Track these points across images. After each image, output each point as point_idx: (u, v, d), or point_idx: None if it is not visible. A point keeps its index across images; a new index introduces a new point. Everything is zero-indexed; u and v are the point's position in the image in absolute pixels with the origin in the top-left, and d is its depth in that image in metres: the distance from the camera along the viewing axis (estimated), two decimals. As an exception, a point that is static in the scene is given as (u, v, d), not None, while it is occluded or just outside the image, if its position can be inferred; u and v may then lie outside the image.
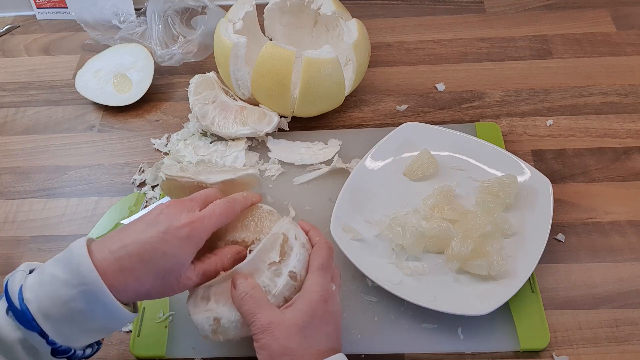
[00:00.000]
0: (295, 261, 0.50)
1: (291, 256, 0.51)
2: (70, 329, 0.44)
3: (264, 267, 0.51)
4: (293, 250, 0.51)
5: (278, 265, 0.50)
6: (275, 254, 0.51)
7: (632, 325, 0.59)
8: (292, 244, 0.51)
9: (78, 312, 0.43)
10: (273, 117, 0.75)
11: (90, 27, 0.89)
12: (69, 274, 0.43)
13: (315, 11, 0.79)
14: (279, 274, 0.50)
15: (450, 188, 0.66)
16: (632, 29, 0.86)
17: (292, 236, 0.52)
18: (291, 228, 0.52)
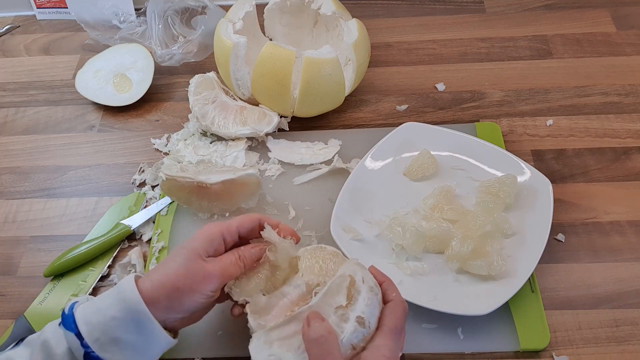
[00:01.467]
0: (362, 305, 0.47)
1: (358, 300, 0.47)
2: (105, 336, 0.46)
3: (330, 311, 0.47)
4: (360, 294, 0.48)
5: (345, 310, 0.47)
6: (342, 297, 0.48)
7: (632, 325, 0.59)
8: (359, 287, 0.48)
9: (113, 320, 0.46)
10: (273, 117, 0.75)
11: (90, 27, 0.89)
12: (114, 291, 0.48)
13: (315, 11, 0.79)
14: (346, 319, 0.47)
15: (450, 188, 0.66)
16: (632, 29, 0.86)
17: (359, 279, 0.49)
18: (358, 270, 0.49)
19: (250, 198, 0.68)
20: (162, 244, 0.67)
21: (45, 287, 0.66)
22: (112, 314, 0.46)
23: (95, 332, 0.46)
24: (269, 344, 0.47)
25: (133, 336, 0.46)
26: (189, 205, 0.69)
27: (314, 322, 0.45)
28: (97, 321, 0.46)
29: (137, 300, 0.46)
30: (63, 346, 0.45)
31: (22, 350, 0.47)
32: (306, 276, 0.52)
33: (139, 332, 0.47)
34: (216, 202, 0.68)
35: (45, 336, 0.46)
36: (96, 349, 0.45)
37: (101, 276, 0.66)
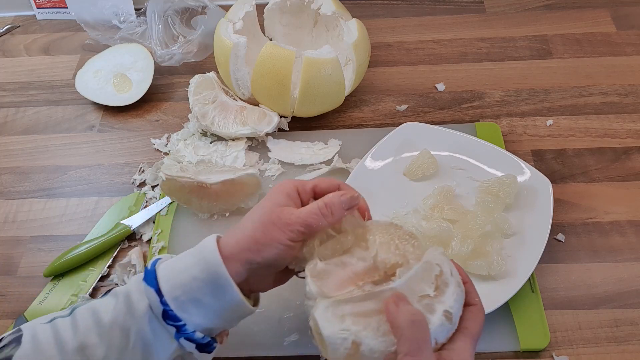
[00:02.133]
0: (452, 300, 0.44)
1: (446, 293, 0.44)
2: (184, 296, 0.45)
3: (414, 298, 0.44)
4: (449, 287, 0.44)
5: (431, 300, 0.44)
6: (429, 286, 0.44)
7: (632, 325, 0.59)
8: (447, 279, 0.45)
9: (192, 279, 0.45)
10: (273, 117, 0.75)
11: (90, 27, 0.89)
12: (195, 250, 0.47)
13: (315, 11, 0.79)
14: (432, 310, 0.43)
15: (450, 188, 0.66)
16: (632, 29, 0.86)
17: (447, 271, 0.45)
18: (445, 261, 0.46)
19: (250, 198, 0.68)
20: (162, 244, 0.67)
21: (45, 287, 0.66)
22: (193, 273, 0.45)
23: (175, 290, 0.45)
24: (339, 317, 0.44)
25: (212, 299, 0.46)
26: (189, 205, 0.69)
27: (403, 304, 0.42)
28: (178, 280, 0.45)
29: (218, 261, 0.45)
30: (144, 302, 0.45)
31: (107, 300, 0.47)
32: (380, 252, 0.47)
33: (217, 295, 0.46)
34: (216, 202, 0.68)
35: (128, 289, 0.46)
36: (174, 308, 0.45)
37: (101, 276, 0.66)
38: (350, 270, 0.47)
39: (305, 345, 0.59)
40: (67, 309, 0.48)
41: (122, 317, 0.45)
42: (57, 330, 0.46)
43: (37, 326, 0.47)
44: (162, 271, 0.46)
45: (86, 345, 0.45)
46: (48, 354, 0.45)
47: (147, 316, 0.45)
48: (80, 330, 0.45)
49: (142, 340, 0.45)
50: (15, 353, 0.45)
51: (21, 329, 0.47)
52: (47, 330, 0.46)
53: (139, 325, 0.45)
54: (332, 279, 0.46)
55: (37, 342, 0.45)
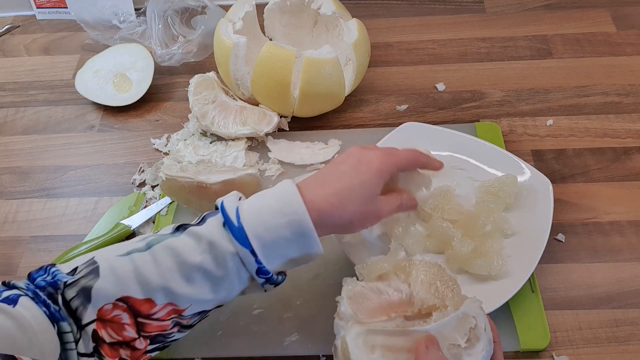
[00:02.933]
0: (480, 356, 0.44)
1: (476, 347, 0.45)
2: (273, 252, 0.48)
3: (443, 345, 0.45)
4: (480, 342, 0.45)
5: (459, 350, 0.45)
6: (461, 337, 0.45)
7: (632, 325, 0.59)
8: (479, 334, 0.45)
9: (283, 239, 0.48)
10: (273, 117, 0.75)
11: (90, 27, 0.89)
12: (281, 205, 0.48)
13: (315, 11, 0.79)
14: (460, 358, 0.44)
15: (450, 188, 0.66)
16: (632, 29, 0.86)
17: (482, 325, 0.46)
18: (481, 315, 0.46)
19: (250, 198, 0.68)
20: (162, 244, 0.67)
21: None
22: (284, 234, 0.47)
23: (267, 249, 0.47)
24: (370, 347, 0.45)
25: (297, 253, 0.49)
26: (189, 205, 0.69)
27: (433, 349, 0.44)
28: (270, 240, 0.47)
29: (311, 228, 0.48)
30: (231, 251, 0.47)
31: (186, 241, 0.48)
32: (420, 290, 0.48)
33: (303, 250, 0.49)
34: (216, 202, 0.68)
35: (211, 236, 0.48)
36: (265, 263, 0.48)
37: (101, 276, 0.66)
38: (385, 299, 0.48)
39: (306, 345, 0.59)
40: (141, 241, 0.49)
41: (210, 265, 0.47)
42: (138, 266, 0.47)
43: (113, 259, 0.47)
44: (250, 227, 0.47)
45: (170, 286, 0.46)
46: (131, 289, 0.46)
47: (235, 267, 0.48)
48: (163, 270, 0.47)
49: (228, 285, 0.48)
50: (95, 284, 0.46)
51: (96, 261, 0.47)
52: (127, 264, 0.47)
53: (230, 277, 0.48)
54: (366, 304, 0.48)
55: (117, 275, 0.46)
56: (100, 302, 0.46)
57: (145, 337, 0.47)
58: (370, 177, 0.51)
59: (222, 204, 0.49)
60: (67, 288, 0.46)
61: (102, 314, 0.46)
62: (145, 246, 0.48)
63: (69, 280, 0.46)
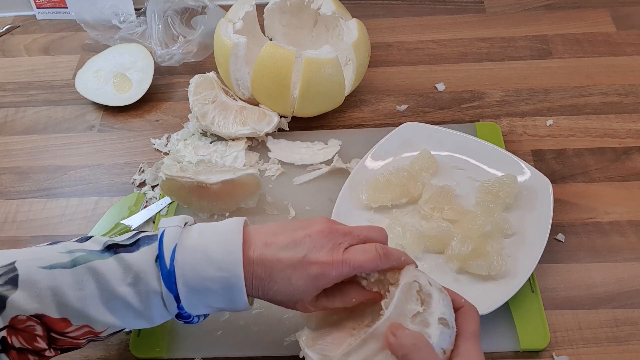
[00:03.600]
0: (441, 306, 0.44)
1: (432, 303, 0.45)
2: (199, 301, 0.47)
3: (407, 321, 0.45)
4: (432, 297, 0.45)
5: (422, 315, 0.45)
6: (416, 304, 0.45)
7: (632, 325, 0.59)
8: (428, 290, 0.46)
9: (211, 292, 0.47)
10: (273, 117, 0.75)
11: (90, 27, 0.89)
12: (220, 256, 0.46)
13: (315, 11, 0.79)
14: (427, 323, 0.44)
15: (450, 188, 0.66)
16: (632, 29, 0.86)
17: (425, 282, 0.46)
18: (420, 275, 0.47)
19: (250, 198, 0.68)
20: (162, 244, 0.67)
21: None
22: (213, 287, 0.46)
23: (193, 297, 0.47)
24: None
25: (222, 305, 0.48)
26: (189, 205, 0.69)
27: (400, 332, 0.43)
28: (198, 289, 0.46)
29: (240, 288, 0.46)
30: (156, 288, 0.46)
31: (112, 265, 0.46)
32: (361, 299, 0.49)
33: (229, 303, 0.48)
34: (216, 202, 0.68)
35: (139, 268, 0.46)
36: (188, 309, 0.47)
37: (101, 276, 0.66)
38: (342, 326, 0.49)
39: (305, 345, 0.59)
40: (66, 254, 0.47)
41: (133, 299, 0.46)
42: (58, 284, 0.45)
43: (34, 270, 0.46)
44: (181, 273, 0.46)
45: (89, 313, 0.46)
46: (48, 308, 0.45)
47: (158, 305, 0.47)
48: (84, 294, 0.46)
49: (148, 318, 0.48)
50: (12, 295, 0.44)
51: (16, 268, 0.45)
52: (47, 281, 0.45)
53: (150, 312, 0.47)
54: (328, 341, 0.48)
55: (35, 291, 0.45)
56: (13, 312, 0.44)
57: (57, 349, 0.47)
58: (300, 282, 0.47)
59: (162, 235, 0.47)
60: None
61: (14, 322, 0.45)
62: (70, 263, 0.46)
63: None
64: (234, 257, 0.46)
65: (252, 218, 0.68)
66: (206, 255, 0.46)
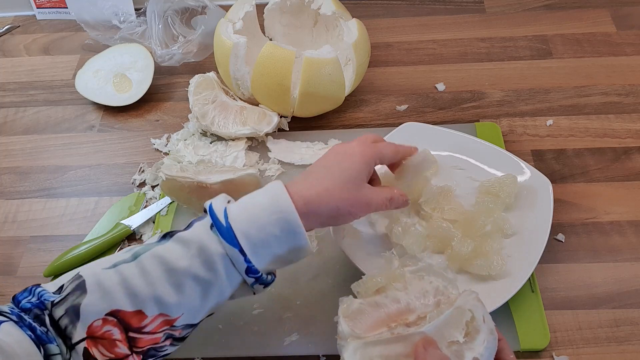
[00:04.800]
0: (482, 348, 0.43)
1: (476, 339, 0.44)
2: (263, 251, 0.48)
3: (442, 344, 0.44)
4: (479, 334, 0.44)
5: (460, 346, 0.43)
6: (459, 332, 0.44)
7: (632, 325, 0.59)
8: (479, 326, 0.44)
9: (272, 237, 0.47)
10: (273, 117, 0.75)
11: (90, 27, 0.89)
12: (269, 202, 0.48)
13: (315, 11, 0.79)
14: (461, 356, 0.43)
15: (450, 188, 0.66)
16: (632, 29, 0.86)
17: (479, 317, 0.44)
18: (479, 307, 0.45)
19: (250, 198, 0.68)
20: (162, 244, 0.67)
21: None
22: (272, 231, 0.47)
23: (257, 247, 0.47)
24: (368, 359, 0.44)
25: (285, 250, 0.48)
26: (189, 205, 0.69)
27: (432, 349, 0.43)
28: (259, 238, 0.47)
29: (297, 222, 0.47)
30: (220, 253, 0.47)
31: (173, 247, 0.47)
32: (415, 295, 0.48)
33: (291, 247, 0.48)
34: (216, 202, 0.68)
35: (200, 239, 0.47)
36: (254, 262, 0.47)
37: (101, 276, 0.66)
38: (384, 312, 0.48)
39: (306, 345, 0.59)
40: (127, 252, 0.48)
41: (199, 270, 0.47)
42: (125, 277, 0.46)
43: (99, 272, 0.46)
44: (238, 226, 0.47)
45: (160, 295, 0.46)
46: (120, 301, 0.45)
47: (225, 269, 0.47)
48: (151, 279, 0.46)
49: (218, 289, 0.48)
50: (83, 301, 0.45)
51: (81, 275, 0.46)
52: (113, 277, 0.46)
53: (220, 280, 0.47)
54: (365, 320, 0.47)
55: (104, 289, 0.45)
56: (89, 318, 0.45)
57: (138, 352, 0.46)
58: (352, 164, 0.52)
59: (210, 205, 0.49)
60: (55, 307, 0.45)
61: (92, 331, 0.45)
62: (132, 257, 0.47)
63: (56, 299, 0.45)
64: (282, 198, 0.48)
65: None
66: (257, 206, 0.48)
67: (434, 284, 0.49)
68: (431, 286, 0.49)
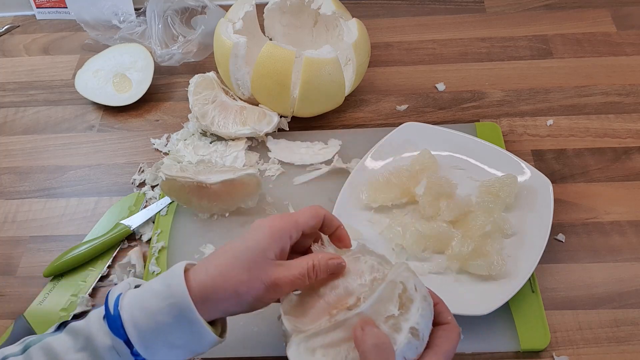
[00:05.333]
0: (417, 316, 0.43)
1: (411, 309, 0.44)
2: (155, 340, 0.44)
3: (380, 320, 0.44)
4: (413, 303, 0.44)
5: (396, 319, 0.44)
6: (394, 306, 0.44)
7: (632, 325, 0.59)
8: (411, 295, 0.44)
9: (164, 325, 0.44)
10: (273, 117, 0.75)
11: (90, 27, 0.89)
12: (163, 287, 0.45)
13: (315, 11, 0.79)
14: (398, 329, 0.43)
15: (451, 187, 0.66)
16: (632, 29, 0.86)
17: (411, 286, 0.45)
18: (410, 277, 0.45)
19: (250, 198, 0.68)
20: (161, 244, 0.67)
21: (45, 287, 0.66)
22: (164, 320, 0.44)
23: (146, 337, 0.44)
24: (311, 352, 0.44)
25: (184, 340, 0.45)
26: (189, 205, 0.69)
27: (369, 329, 0.42)
28: (149, 327, 0.44)
29: (191, 308, 0.44)
30: (107, 343, 0.44)
31: (64, 339, 0.45)
32: (351, 279, 0.47)
33: (190, 335, 0.45)
34: (216, 202, 0.68)
35: (89, 331, 0.44)
36: (145, 354, 0.44)
37: (101, 276, 0.66)
38: (324, 300, 0.47)
39: (305, 346, 0.59)
40: (18, 345, 0.46)
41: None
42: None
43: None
44: (128, 315, 0.44)
45: None
46: None
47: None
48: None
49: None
50: None
51: None
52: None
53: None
54: (307, 313, 0.47)
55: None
56: None
57: None
58: (258, 240, 0.47)
59: (108, 294, 0.46)
60: None
61: None
62: (22, 349, 0.45)
63: None
64: (175, 282, 0.44)
65: (252, 218, 0.69)
66: (150, 291, 0.45)
67: (369, 262, 0.48)
68: (366, 265, 0.48)
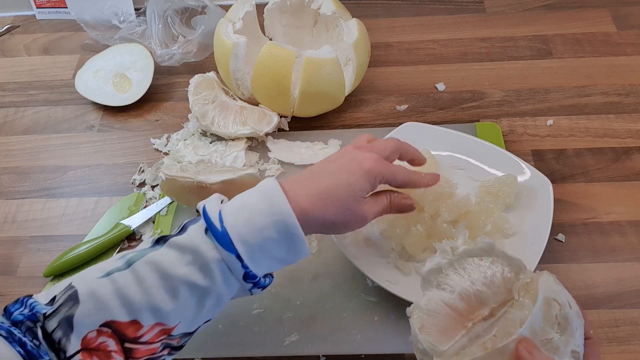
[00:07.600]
0: (577, 337, 0.40)
1: (568, 329, 0.40)
2: (260, 255, 0.47)
3: (538, 343, 0.39)
4: (570, 323, 0.40)
5: (555, 342, 0.40)
6: (552, 328, 0.40)
7: (632, 325, 0.59)
8: (567, 313, 0.40)
9: (270, 241, 0.46)
10: (273, 117, 0.75)
11: (90, 27, 0.89)
12: (266, 205, 0.47)
13: (315, 11, 0.79)
14: (559, 352, 0.39)
15: (451, 187, 0.66)
16: (632, 29, 0.86)
17: (565, 302, 0.41)
18: (560, 290, 0.41)
19: (250, 198, 0.68)
20: (162, 244, 0.67)
21: (45, 287, 0.66)
22: (269, 235, 0.46)
23: (254, 252, 0.46)
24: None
25: (284, 253, 0.48)
26: (189, 205, 0.69)
27: (536, 353, 0.39)
28: (256, 242, 0.46)
29: (296, 225, 0.46)
30: (215, 256, 0.46)
31: (168, 253, 0.46)
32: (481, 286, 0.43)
33: (290, 250, 0.48)
34: (216, 202, 0.68)
35: (195, 245, 0.46)
36: (252, 267, 0.46)
37: (101, 276, 0.66)
38: (452, 309, 0.43)
39: (305, 345, 0.59)
40: (120, 260, 0.46)
41: (196, 277, 0.45)
42: (119, 286, 0.44)
43: (92, 282, 0.44)
44: (234, 231, 0.46)
45: (156, 304, 0.44)
46: (115, 312, 0.43)
47: (222, 275, 0.46)
48: (146, 287, 0.44)
49: (215, 295, 0.46)
50: (76, 312, 0.43)
51: (73, 285, 0.44)
52: (107, 286, 0.44)
53: (217, 287, 0.46)
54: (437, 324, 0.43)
55: (98, 299, 0.43)
56: (83, 330, 0.43)
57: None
58: (358, 178, 0.50)
59: (204, 208, 0.47)
60: (48, 319, 0.43)
61: (86, 342, 0.43)
62: (125, 264, 0.45)
63: (48, 311, 0.43)
64: (278, 200, 0.47)
65: (252, 218, 0.68)
66: (252, 209, 0.47)
67: (499, 266, 0.43)
68: (497, 269, 0.43)
